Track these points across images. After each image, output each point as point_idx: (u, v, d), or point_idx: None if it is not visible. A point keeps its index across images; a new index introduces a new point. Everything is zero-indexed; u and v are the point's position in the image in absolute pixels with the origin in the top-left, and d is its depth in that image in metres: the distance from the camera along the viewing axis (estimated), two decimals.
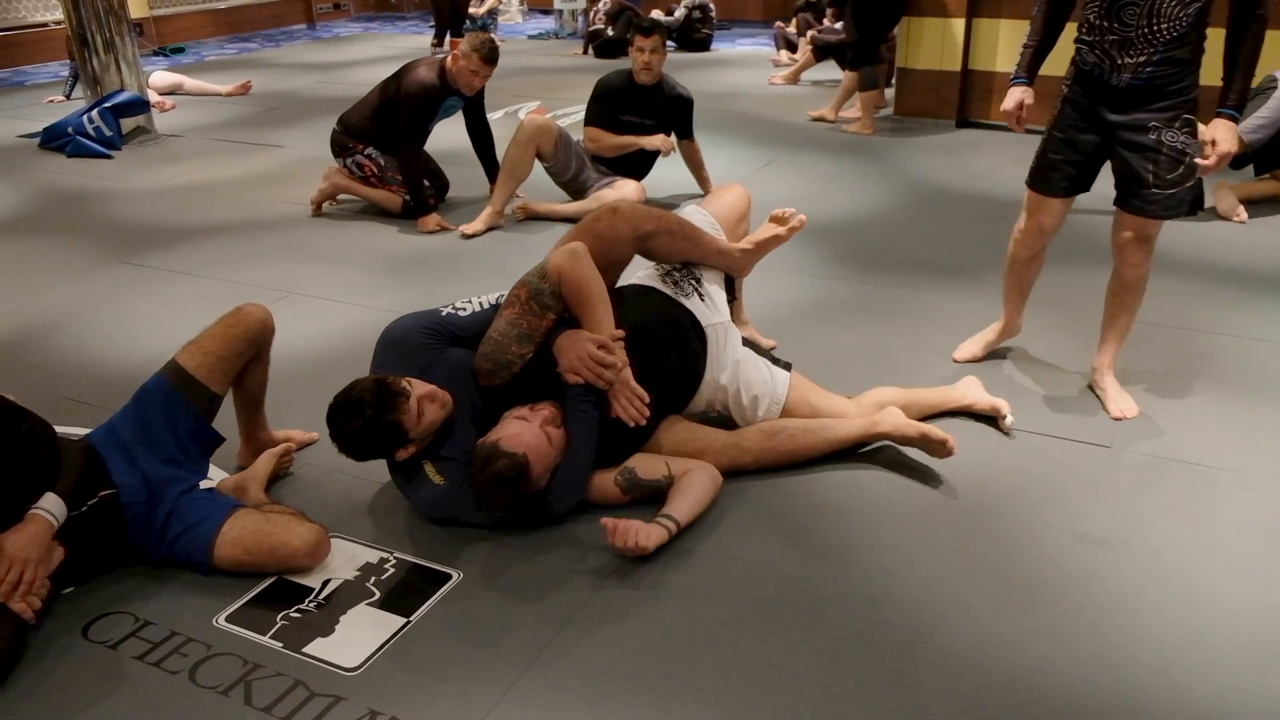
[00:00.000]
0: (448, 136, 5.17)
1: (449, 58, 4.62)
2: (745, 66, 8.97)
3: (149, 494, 2.24)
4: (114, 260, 4.35)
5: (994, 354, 3.27)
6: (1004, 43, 6.17)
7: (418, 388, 2.30)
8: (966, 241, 4.39)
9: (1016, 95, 2.85)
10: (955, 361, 3.22)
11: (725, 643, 2.05)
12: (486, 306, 2.59)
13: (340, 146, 4.81)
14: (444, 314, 2.55)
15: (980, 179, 5.31)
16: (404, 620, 2.13)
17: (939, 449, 2.56)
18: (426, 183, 4.77)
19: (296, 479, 2.68)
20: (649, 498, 2.42)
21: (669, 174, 5.03)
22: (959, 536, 2.37)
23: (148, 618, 2.15)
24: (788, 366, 2.73)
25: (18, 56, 10.02)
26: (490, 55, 4.57)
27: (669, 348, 2.56)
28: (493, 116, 6.42)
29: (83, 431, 2.44)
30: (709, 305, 2.69)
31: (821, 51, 7.74)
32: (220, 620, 2.13)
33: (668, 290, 2.67)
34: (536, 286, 2.40)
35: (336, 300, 3.86)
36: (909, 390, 2.88)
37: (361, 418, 2.24)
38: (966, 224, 4.63)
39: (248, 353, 2.45)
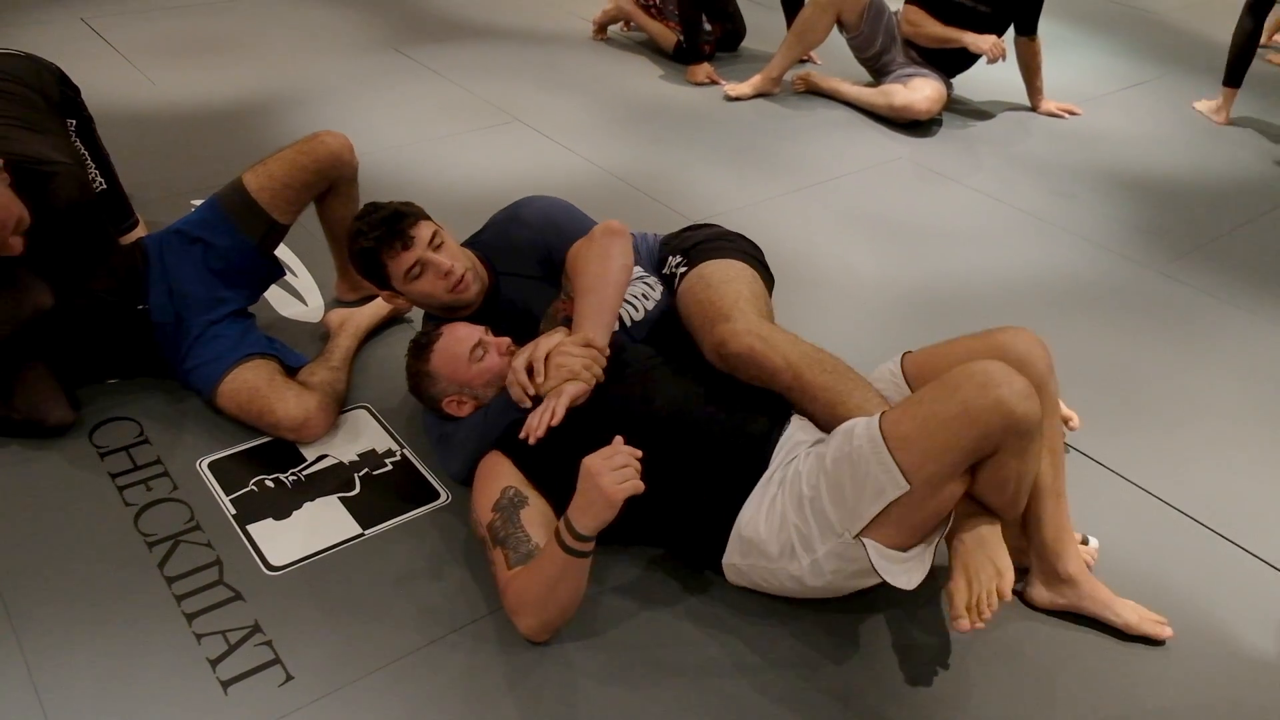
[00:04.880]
0: None
1: None
2: None
3: (175, 315, 2.17)
4: (389, 46, 4.33)
5: None
6: None
7: (444, 256, 1.99)
8: None
9: None
10: None
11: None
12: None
13: None
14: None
15: None
16: (358, 532, 1.92)
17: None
18: (709, 27, 4.28)
19: (397, 330, 2.51)
20: None
21: (992, 71, 4.15)
22: None
23: (150, 435, 2.12)
24: None
25: None
26: None
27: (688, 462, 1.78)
28: None
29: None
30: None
31: None
32: (203, 465, 2.05)
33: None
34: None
35: (552, 139, 3.59)
36: (1057, 473, 1.81)
37: (357, 223, 2.02)
38: None
39: (316, 185, 2.25)
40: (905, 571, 1.59)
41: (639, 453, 1.58)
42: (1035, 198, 3.45)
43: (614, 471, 1.54)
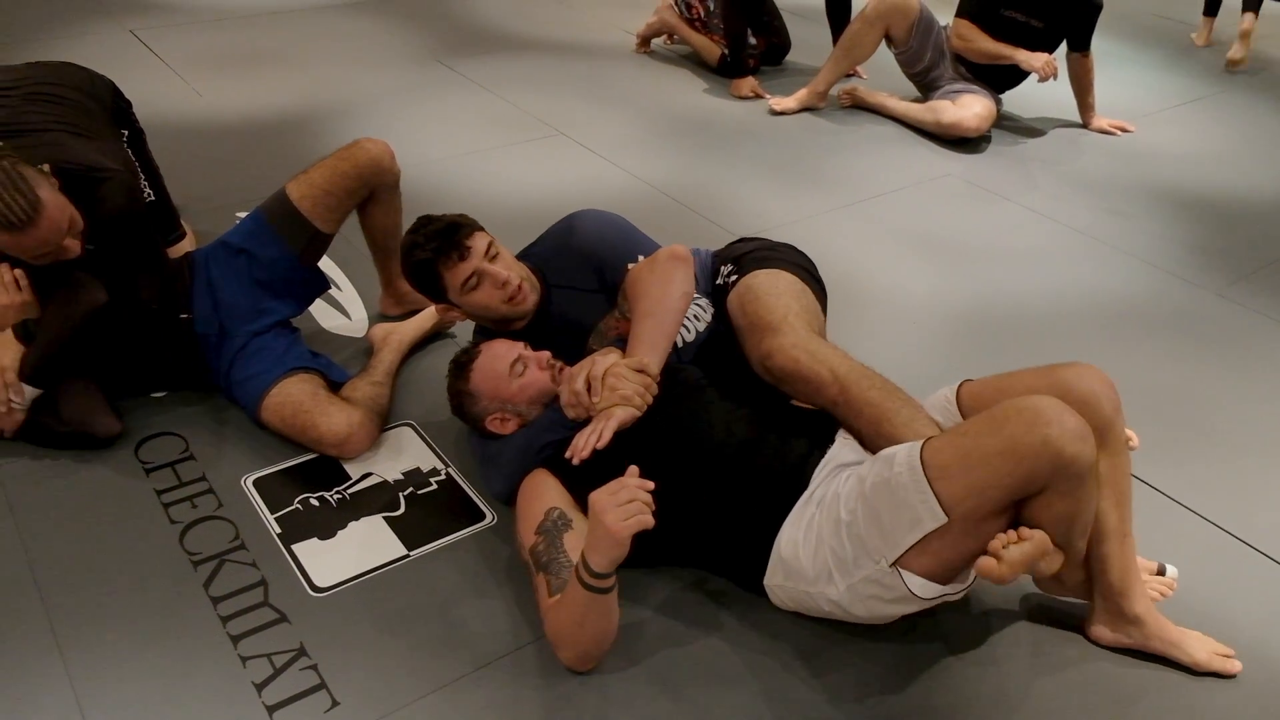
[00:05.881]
0: None
1: None
2: None
3: (219, 327, 2.16)
4: (434, 59, 4.34)
5: None
6: None
7: (501, 267, 1.98)
8: None
9: None
10: None
11: None
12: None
13: None
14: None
15: None
16: (403, 553, 1.89)
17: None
18: (753, 40, 4.25)
19: (441, 344, 2.49)
20: None
21: (1042, 88, 4.07)
22: None
23: (195, 451, 2.11)
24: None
25: None
26: None
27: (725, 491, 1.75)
28: None
29: None
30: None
31: None
32: (247, 482, 2.03)
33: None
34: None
35: (596, 153, 3.57)
36: (1125, 511, 1.72)
37: (412, 235, 2.02)
38: None
39: (357, 191, 2.24)
40: (951, 586, 1.57)
41: (650, 484, 1.51)
42: (1088, 216, 3.38)
43: (619, 508, 1.47)
